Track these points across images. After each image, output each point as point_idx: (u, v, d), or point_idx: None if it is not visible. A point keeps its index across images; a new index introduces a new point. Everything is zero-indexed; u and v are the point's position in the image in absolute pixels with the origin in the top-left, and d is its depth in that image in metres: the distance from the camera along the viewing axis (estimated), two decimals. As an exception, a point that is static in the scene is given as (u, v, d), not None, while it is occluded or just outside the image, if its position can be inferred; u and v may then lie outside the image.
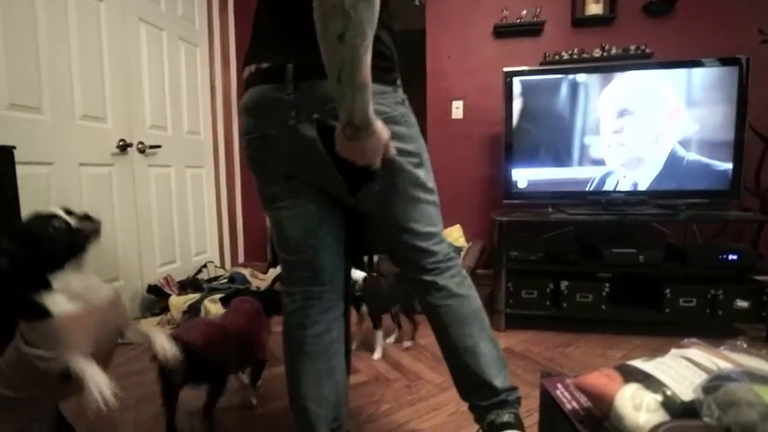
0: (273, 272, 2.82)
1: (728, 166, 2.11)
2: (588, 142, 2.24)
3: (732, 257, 1.99)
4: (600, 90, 2.19)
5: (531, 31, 2.69)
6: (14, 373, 0.94)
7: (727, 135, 2.10)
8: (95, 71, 2.09)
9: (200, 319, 1.46)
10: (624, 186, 2.22)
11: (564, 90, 2.23)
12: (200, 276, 2.71)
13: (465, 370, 0.98)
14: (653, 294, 2.08)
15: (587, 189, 2.26)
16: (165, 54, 2.58)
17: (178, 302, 2.23)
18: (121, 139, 2.23)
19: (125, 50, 2.27)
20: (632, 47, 2.51)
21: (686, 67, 2.11)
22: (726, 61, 2.08)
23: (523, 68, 2.31)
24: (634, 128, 2.18)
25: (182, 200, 2.75)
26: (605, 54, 2.54)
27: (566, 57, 2.59)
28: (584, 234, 2.40)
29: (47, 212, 0.94)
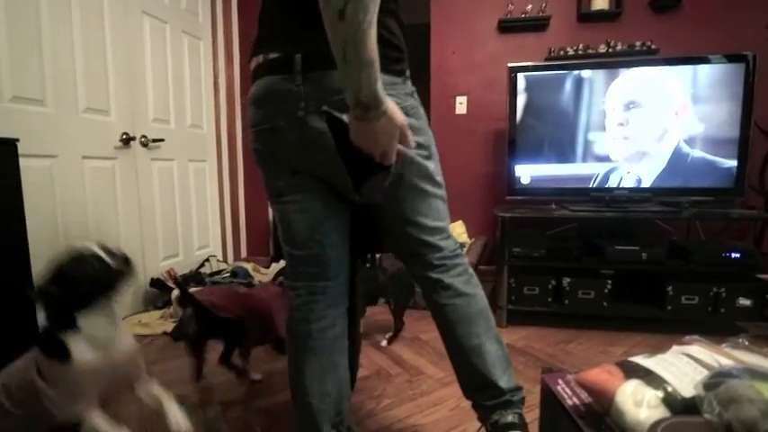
0: (276, 266, 2.83)
1: (733, 163, 2.10)
2: (592, 138, 2.23)
3: (735, 255, 1.98)
4: (605, 86, 2.18)
5: (537, 26, 2.67)
6: (23, 398, 0.95)
7: (732, 132, 2.09)
8: (99, 64, 2.09)
9: (224, 286, 1.65)
10: (628, 183, 2.22)
11: (568, 86, 2.22)
12: (202, 270, 2.73)
13: (470, 369, 0.98)
14: (655, 291, 2.08)
15: (591, 185, 2.25)
16: (169, 47, 2.58)
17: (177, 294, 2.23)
18: (124, 133, 2.23)
19: (128, 43, 2.26)
20: (638, 43, 2.49)
21: (692, 63, 2.10)
22: (732, 58, 2.06)
23: (528, 64, 2.30)
24: (639, 121, 2.17)
25: (184, 194, 2.76)
26: (611, 50, 2.52)
27: (571, 52, 2.57)
28: (587, 231, 2.39)
29: (86, 251, 0.94)
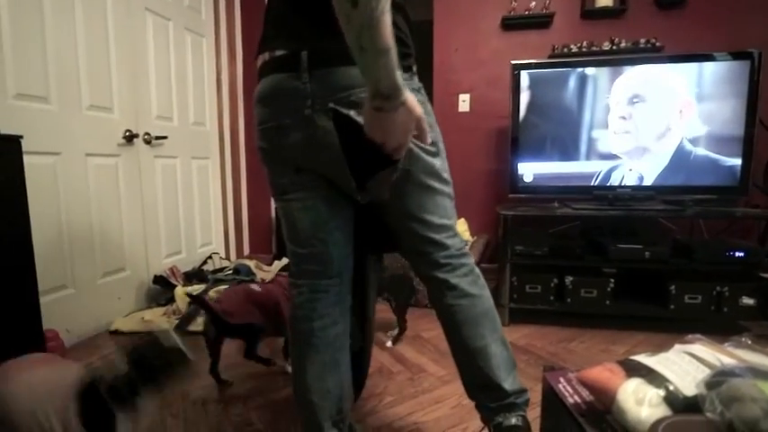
0: (278, 264, 2.83)
1: (737, 161, 2.09)
2: (596, 136, 2.22)
3: (739, 254, 1.97)
4: (609, 84, 2.17)
5: (540, 23, 2.66)
6: None
7: (737, 130, 2.08)
8: (102, 61, 2.09)
9: (239, 286, 1.68)
10: (630, 181, 2.21)
11: (572, 83, 2.21)
12: (205, 267, 2.73)
13: (474, 370, 0.97)
14: (658, 290, 2.07)
15: (594, 183, 2.25)
16: (172, 44, 2.58)
17: (183, 293, 2.24)
18: (128, 130, 2.24)
19: (131, 40, 2.27)
20: (642, 40, 2.47)
21: (697, 61, 2.08)
22: (737, 55, 2.05)
23: (531, 61, 2.29)
24: (642, 116, 2.16)
25: (187, 191, 2.76)
26: (615, 47, 2.51)
27: (574, 50, 2.55)
28: (590, 229, 2.38)
29: (171, 343, 0.93)
